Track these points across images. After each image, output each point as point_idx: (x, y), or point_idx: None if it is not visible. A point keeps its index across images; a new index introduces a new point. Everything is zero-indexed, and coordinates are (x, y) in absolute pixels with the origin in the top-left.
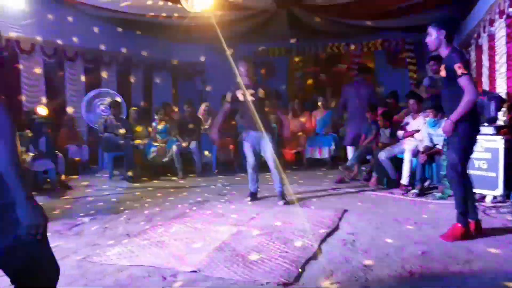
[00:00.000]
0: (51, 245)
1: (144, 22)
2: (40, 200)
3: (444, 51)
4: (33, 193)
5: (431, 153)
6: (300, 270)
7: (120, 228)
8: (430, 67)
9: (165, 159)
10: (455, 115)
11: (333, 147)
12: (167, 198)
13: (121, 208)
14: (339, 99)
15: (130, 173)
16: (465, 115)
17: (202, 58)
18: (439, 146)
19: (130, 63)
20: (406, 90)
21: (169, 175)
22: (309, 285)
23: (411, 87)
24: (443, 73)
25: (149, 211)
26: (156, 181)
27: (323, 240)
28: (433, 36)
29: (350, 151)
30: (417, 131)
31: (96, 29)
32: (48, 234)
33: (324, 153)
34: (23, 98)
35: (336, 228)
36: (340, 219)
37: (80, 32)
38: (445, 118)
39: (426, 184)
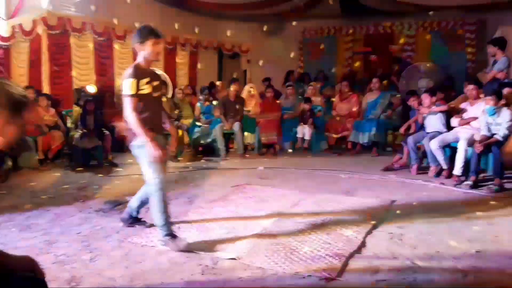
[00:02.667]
0: (95, 223)
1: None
2: (87, 177)
3: None
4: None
5: (488, 143)
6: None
7: None
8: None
9: (209, 140)
10: None
11: (373, 131)
12: (209, 180)
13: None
14: (390, 81)
15: (173, 153)
16: None
17: (247, 37)
18: (497, 136)
19: (176, 42)
20: (463, 73)
21: (212, 156)
22: (353, 281)
23: (468, 70)
24: None
25: (191, 193)
26: (199, 162)
27: (369, 233)
28: None
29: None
30: (474, 118)
31: (143, 7)
32: (92, 212)
33: (364, 137)
34: (74, 75)
35: (382, 220)
36: (387, 210)
37: (129, 11)
38: (506, 107)
39: (481, 175)
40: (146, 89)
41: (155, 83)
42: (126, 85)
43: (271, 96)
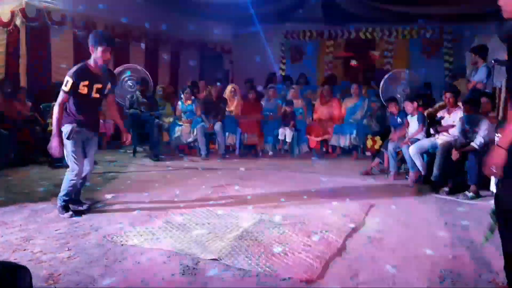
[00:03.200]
0: (74, 220)
1: None
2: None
3: None
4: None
5: (465, 150)
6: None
7: (141, 208)
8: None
9: (190, 139)
10: (504, 140)
11: (354, 135)
12: (190, 179)
13: (144, 187)
14: (370, 86)
15: (154, 152)
16: None
17: (230, 38)
18: (473, 144)
19: (159, 40)
20: (440, 81)
21: (192, 155)
22: (333, 284)
23: (445, 78)
24: None
25: (171, 192)
26: (179, 161)
27: (349, 236)
28: None
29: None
30: (452, 126)
31: (126, 2)
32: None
33: (346, 141)
34: (52, 69)
35: (362, 224)
36: (366, 214)
37: (110, 5)
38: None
39: (457, 182)
40: (83, 90)
41: (97, 85)
42: (65, 80)
43: (253, 97)
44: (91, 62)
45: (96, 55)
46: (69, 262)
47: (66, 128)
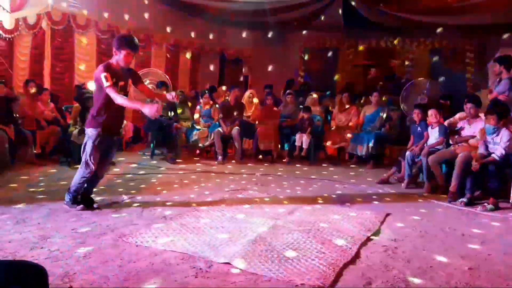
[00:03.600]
0: (90, 220)
1: (196, 4)
2: None
3: None
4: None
5: (485, 162)
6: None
7: (157, 210)
8: (491, 68)
9: (207, 143)
10: None
11: (371, 144)
12: (206, 183)
13: (160, 189)
14: (389, 94)
15: (171, 155)
16: None
17: (249, 44)
18: (494, 156)
19: (179, 45)
20: (462, 92)
21: (209, 159)
22: None
23: (467, 89)
24: None
25: (187, 195)
26: (196, 164)
27: (363, 244)
28: None
29: None
30: (473, 137)
31: (147, 9)
32: (88, 210)
33: (363, 150)
34: (76, 71)
35: (377, 232)
36: (382, 222)
37: (132, 11)
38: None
39: (476, 193)
40: None
41: (121, 83)
42: (102, 77)
43: (271, 103)
44: (113, 61)
45: (119, 58)
46: (85, 261)
47: (92, 132)
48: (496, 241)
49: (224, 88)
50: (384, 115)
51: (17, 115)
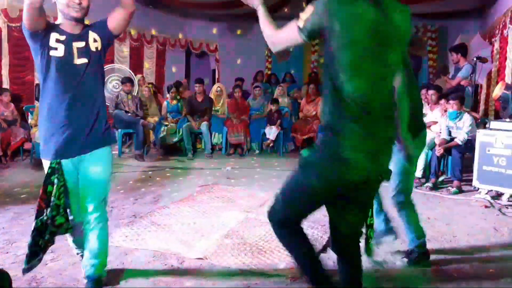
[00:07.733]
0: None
1: None
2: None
3: None
4: None
5: (448, 147)
6: None
7: (127, 209)
8: (450, 57)
9: (175, 139)
10: None
11: None
12: (175, 179)
13: (129, 187)
14: None
15: (139, 152)
16: None
17: (215, 37)
18: (457, 140)
19: (143, 40)
20: (424, 79)
21: (178, 155)
22: None
23: (429, 76)
24: None
25: (156, 192)
26: (165, 161)
27: None
28: None
29: None
30: (434, 122)
31: (108, 3)
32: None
33: None
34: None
35: None
36: None
37: (94, 6)
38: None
39: (440, 178)
40: None
41: None
42: None
43: (239, 96)
44: None
45: None
46: (52, 264)
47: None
48: (460, 222)
49: (184, 81)
50: None
51: None
